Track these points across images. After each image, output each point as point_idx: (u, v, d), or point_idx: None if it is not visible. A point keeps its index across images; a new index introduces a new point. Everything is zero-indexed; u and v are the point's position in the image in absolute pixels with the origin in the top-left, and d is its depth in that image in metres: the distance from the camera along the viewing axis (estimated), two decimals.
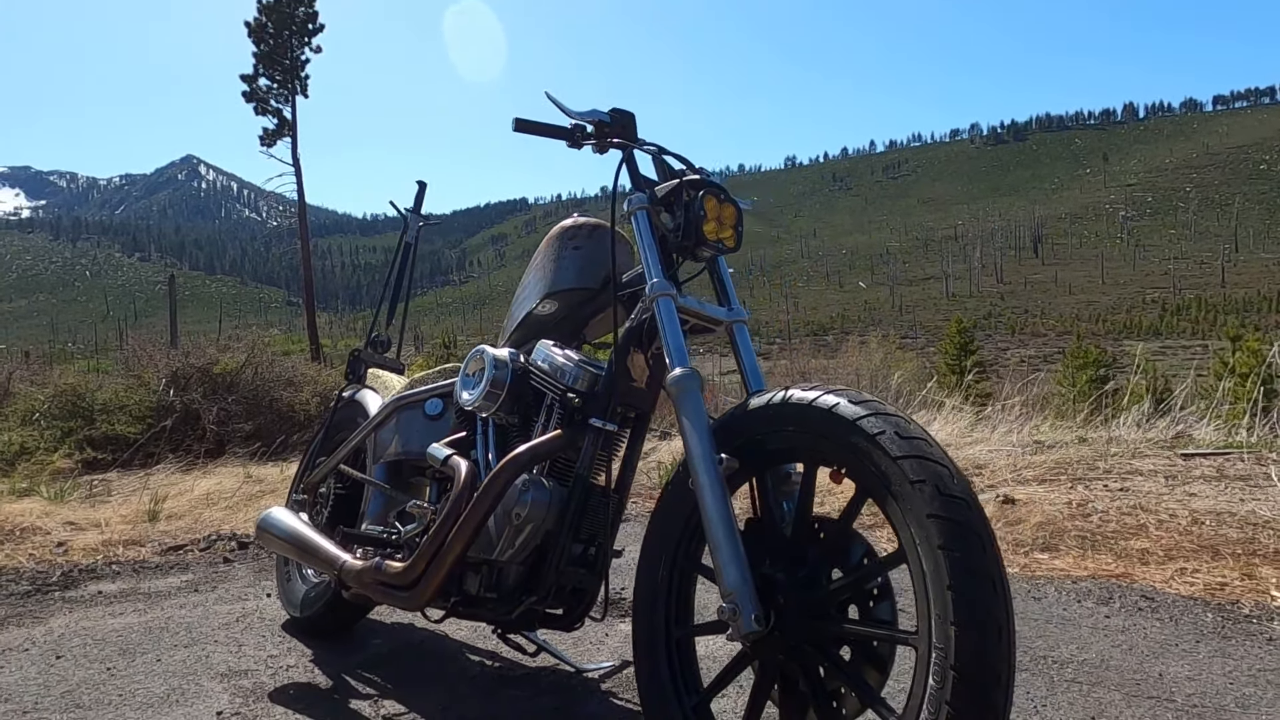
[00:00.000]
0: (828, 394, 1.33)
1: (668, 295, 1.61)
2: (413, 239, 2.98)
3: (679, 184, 1.71)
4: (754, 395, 1.50)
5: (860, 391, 1.35)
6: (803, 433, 1.36)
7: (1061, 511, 3.74)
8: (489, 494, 1.67)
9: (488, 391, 1.84)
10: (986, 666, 1.06)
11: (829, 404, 1.31)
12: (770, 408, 1.42)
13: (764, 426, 1.43)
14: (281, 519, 2.29)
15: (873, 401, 1.30)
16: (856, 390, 1.36)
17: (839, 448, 1.29)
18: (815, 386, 1.37)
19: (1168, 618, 2.35)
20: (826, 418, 1.30)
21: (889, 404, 1.31)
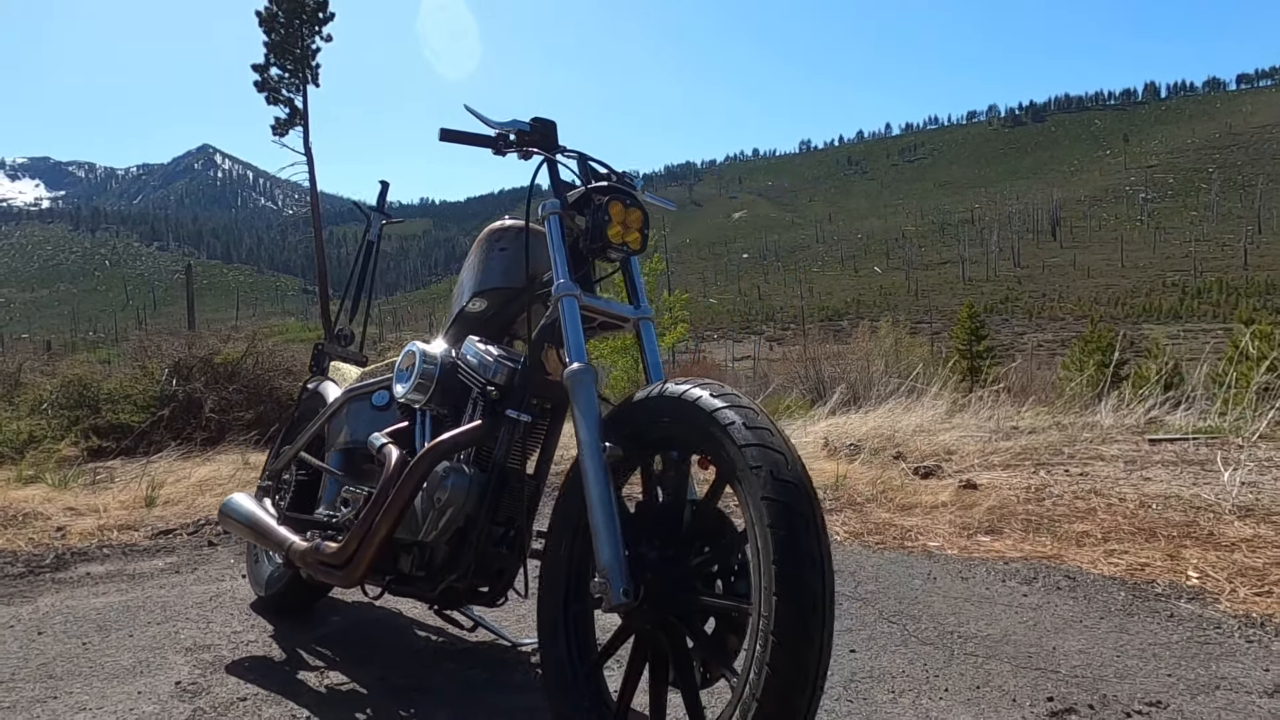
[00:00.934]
0: (695, 387, 1.45)
1: (571, 295, 1.74)
2: (375, 236, 3.12)
3: (586, 190, 1.83)
4: (641, 389, 1.62)
5: (724, 385, 1.47)
6: (675, 423, 1.48)
7: (1018, 496, 3.84)
8: (411, 479, 1.81)
9: (417, 384, 1.98)
10: (801, 632, 1.19)
11: (694, 397, 1.43)
12: (650, 400, 1.54)
13: (645, 418, 1.56)
14: (240, 504, 2.44)
15: (731, 395, 1.42)
16: (722, 385, 1.47)
17: (702, 436, 1.42)
18: (687, 381, 1.49)
19: (1082, 596, 2.46)
20: (691, 409, 1.43)
21: (746, 397, 1.43)
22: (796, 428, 6.31)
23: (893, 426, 5.70)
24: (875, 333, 30.58)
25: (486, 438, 1.86)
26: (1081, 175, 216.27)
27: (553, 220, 1.85)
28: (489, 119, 1.97)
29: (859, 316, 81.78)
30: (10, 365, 9.22)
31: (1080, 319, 78.90)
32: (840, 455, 5.22)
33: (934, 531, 3.34)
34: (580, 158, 2.00)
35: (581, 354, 1.67)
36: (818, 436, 5.73)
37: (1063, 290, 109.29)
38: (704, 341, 76.72)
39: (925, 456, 4.93)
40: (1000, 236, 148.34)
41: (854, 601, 2.49)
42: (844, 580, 2.71)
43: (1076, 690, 1.81)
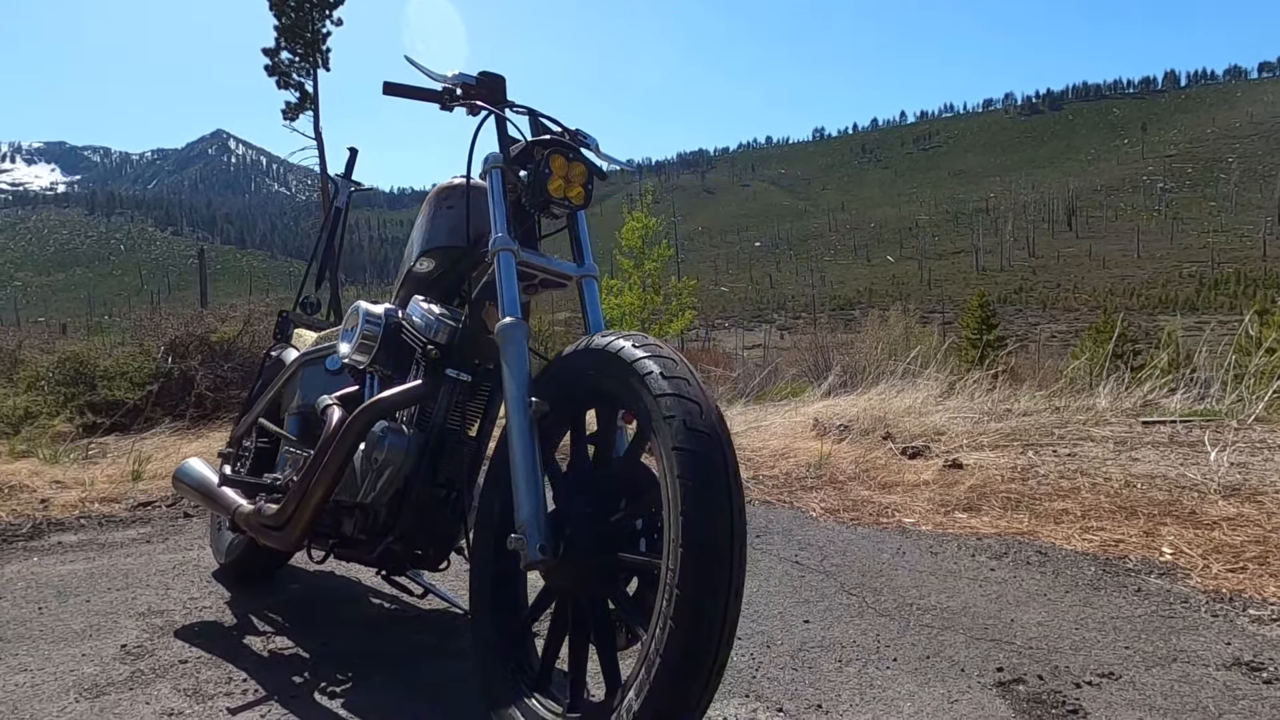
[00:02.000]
0: (619, 339, 1.40)
1: (507, 250, 1.69)
2: (343, 204, 3.08)
3: (528, 144, 1.78)
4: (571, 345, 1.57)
5: (649, 337, 1.41)
6: (600, 376, 1.44)
7: (1003, 475, 3.78)
8: (345, 439, 1.77)
9: (359, 344, 1.93)
10: (703, 586, 1.14)
11: (616, 348, 1.38)
12: (577, 355, 1.50)
13: (573, 372, 1.51)
14: (193, 468, 2.41)
15: (653, 345, 1.37)
16: (646, 335, 1.42)
17: (622, 388, 1.37)
18: (613, 333, 1.44)
19: (1050, 571, 2.41)
20: (613, 361, 1.38)
21: (669, 347, 1.38)
22: (789, 409, 6.26)
23: (885, 408, 5.64)
24: (885, 322, 30.55)
25: (427, 398, 1.82)
26: (1098, 165, 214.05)
27: (494, 175, 1.80)
28: (433, 72, 1.92)
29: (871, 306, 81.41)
30: (10, 342, 9.26)
31: (1095, 310, 78.28)
32: (829, 435, 5.16)
33: (911, 509, 3.28)
34: (530, 113, 1.95)
35: (515, 309, 1.62)
36: (809, 417, 5.66)
37: (1077, 281, 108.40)
38: (714, 330, 76.54)
39: (914, 437, 4.86)
40: (1015, 226, 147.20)
41: (816, 574, 2.44)
42: (810, 554, 2.67)
43: (1029, 661, 1.76)
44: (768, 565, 2.55)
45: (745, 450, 4.75)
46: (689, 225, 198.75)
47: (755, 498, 3.69)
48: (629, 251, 20.98)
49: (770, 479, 4.08)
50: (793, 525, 3.12)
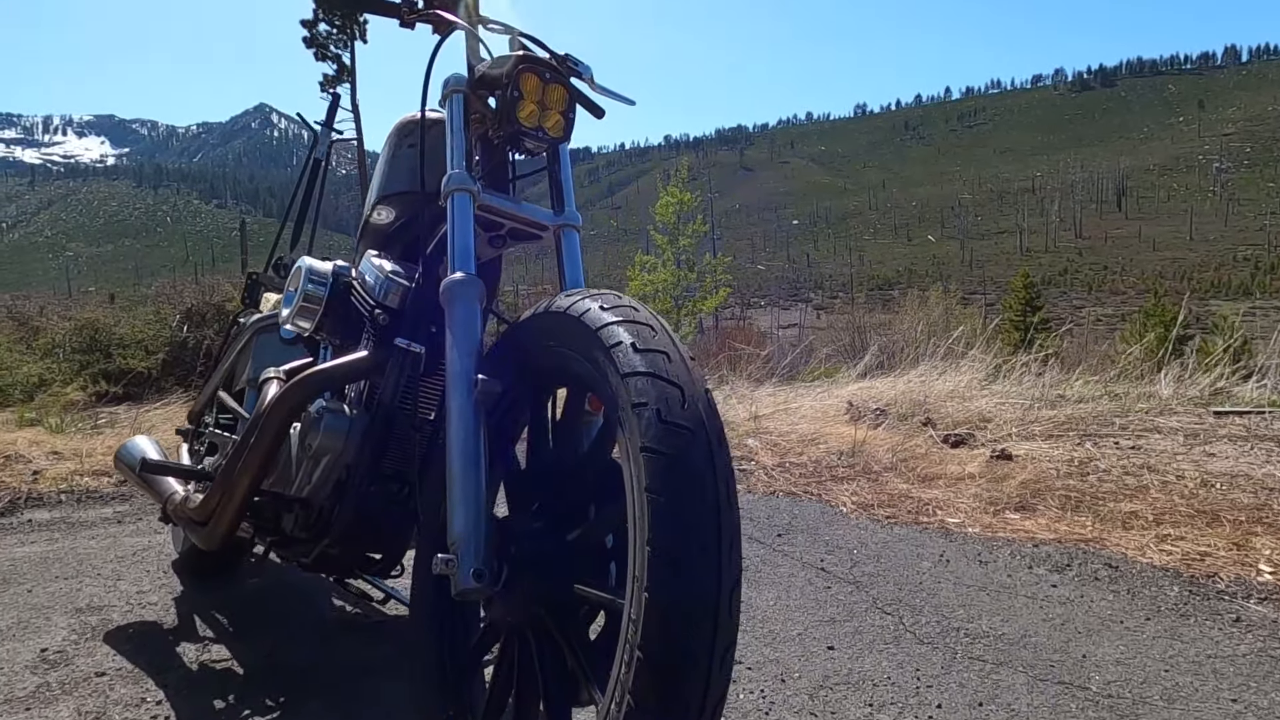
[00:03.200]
0: (585, 299, 1.07)
1: (463, 191, 1.36)
2: (322, 154, 2.76)
3: (496, 62, 1.44)
4: (531, 308, 1.24)
5: (626, 297, 1.07)
6: (561, 347, 1.10)
7: (1058, 469, 3.39)
8: (273, 420, 1.47)
9: (300, 308, 1.61)
10: (675, 650, 0.80)
11: (580, 310, 1.05)
12: (535, 320, 1.16)
13: (532, 342, 1.18)
14: (135, 448, 2.13)
15: (628, 307, 1.03)
16: (622, 295, 1.08)
17: (586, 364, 1.03)
18: (579, 293, 1.10)
19: (1124, 590, 2.03)
20: (576, 327, 1.04)
21: (648, 311, 1.04)
22: (821, 391, 5.87)
23: (925, 391, 5.23)
24: (924, 302, 29.87)
25: (373, 372, 1.50)
26: (1151, 143, 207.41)
27: (454, 101, 1.46)
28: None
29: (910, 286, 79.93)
30: (32, 308, 9.19)
31: (1143, 293, 76.08)
32: (864, 420, 4.78)
33: (956, 506, 2.91)
34: (508, 30, 1.62)
35: (467, 261, 1.29)
36: (842, 400, 5.28)
37: (1125, 263, 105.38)
38: (750, 308, 75.85)
39: (957, 424, 4.47)
40: (1062, 206, 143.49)
41: (845, 585, 2.09)
42: (839, 559, 2.32)
43: (1110, 715, 1.41)
44: (789, 572, 2.21)
45: (772, 434, 4.39)
46: (726, 202, 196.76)
47: (780, 489, 3.34)
48: (663, 227, 20.55)
49: (798, 467, 3.72)
50: (820, 522, 2.77)
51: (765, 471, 3.68)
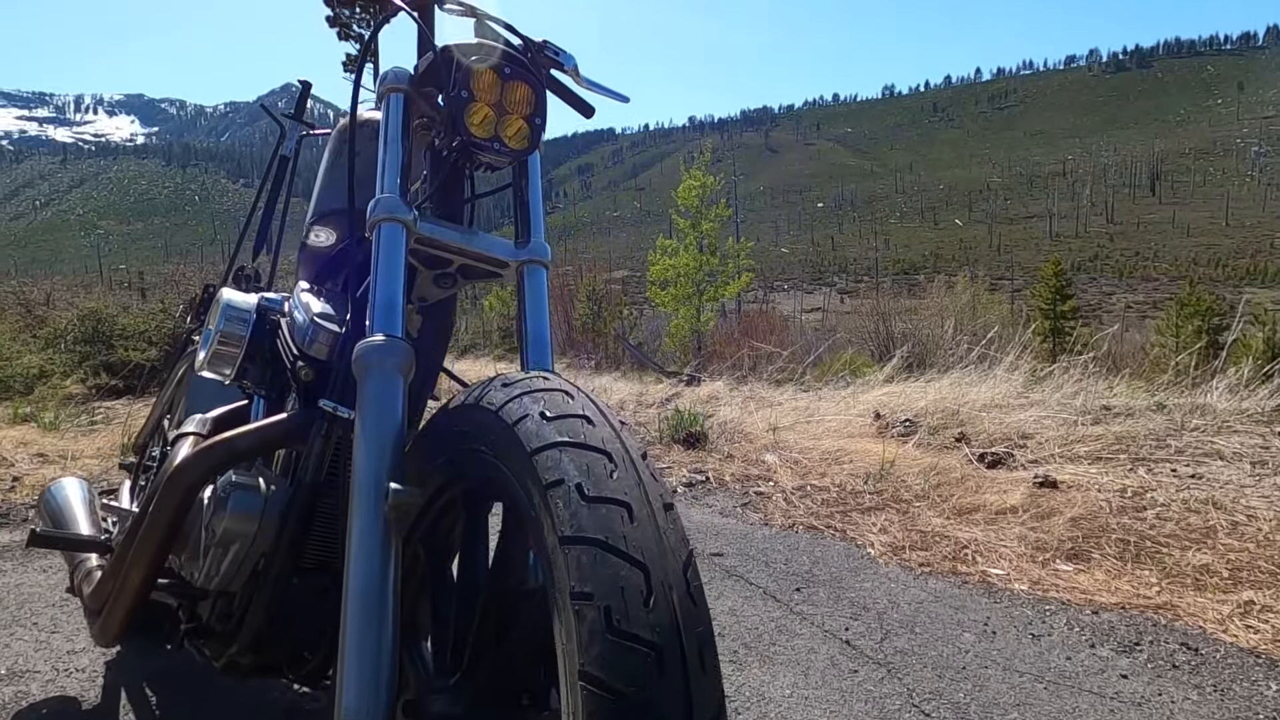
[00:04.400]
0: (490, 386, 0.79)
1: (393, 220, 1.05)
2: (290, 151, 2.47)
3: (440, 52, 1.14)
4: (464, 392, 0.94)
5: (550, 374, 0.79)
6: (476, 442, 0.82)
7: (1110, 502, 3.05)
8: (167, 502, 1.18)
9: (216, 351, 1.32)
10: None
11: (477, 395, 0.77)
12: (459, 410, 0.87)
13: (454, 438, 0.88)
14: (59, 493, 1.86)
15: (530, 379, 0.77)
16: (548, 375, 0.79)
17: (491, 455, 0.76)
18: (519, 381, 0.80)
19: (1210, 683, 1.71)
20: (480, 415, 0.78)
21: (562, 377, 0.76)
22: (846, 395, 5.54)
23: (958, 400, 4.88)
24: (951, 289, 29.32)
25: (294, 438, 1.21)
26: (1188, 126, 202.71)
27: (392, 102, 1.16)
28: None
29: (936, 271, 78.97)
30: (39, 294, 9.04)
31: (1175, 280, 74.62)
32: (892, 432, 4.45)
33: (998, 551, 2.59)
34: (471, 13, 1.31)
35: (392, 318, 0.99)
36: (868, 408, 4.95)
37: (1158, 249, 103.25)
38: (773, 292, 75.25)
39: (994, 440, 4.12)
40: (1093, 190, 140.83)
41: (875, 668, 1.78)
42: (867, 627, 2.01)
43: None
44: (808, 646, 1.90)
45: (792, 451, 4.08)
46: (750, 185, 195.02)
47: (800, 520, 3.03)
48: (686, 211, 20.15)
49: (820, 491, 3.41)
50: (845, 570, 2.46)
51: (784, 496, 3.37)
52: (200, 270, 8.95)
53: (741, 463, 4.01)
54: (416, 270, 1.17)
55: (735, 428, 4.79)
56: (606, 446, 0.70)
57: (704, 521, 3.04)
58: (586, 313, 18.52)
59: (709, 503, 3.37)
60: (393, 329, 0.98)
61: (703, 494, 3.52)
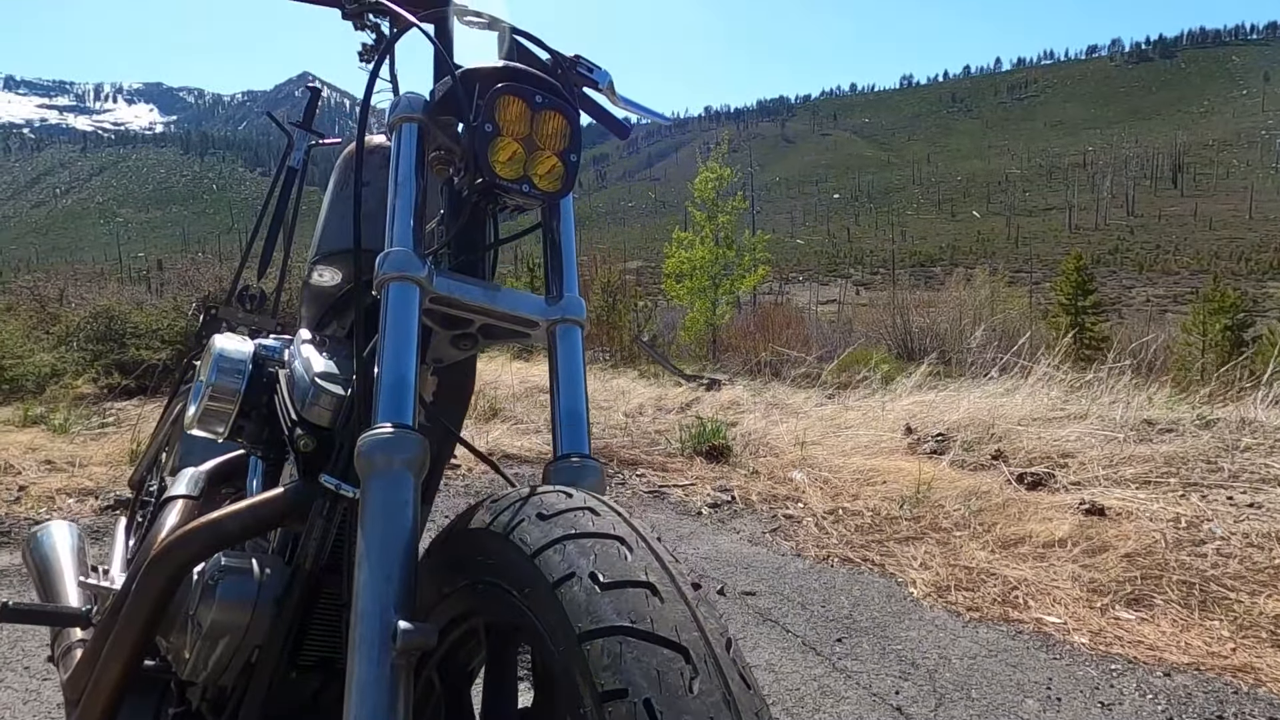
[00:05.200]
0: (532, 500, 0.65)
1: (404, 279, 0.90)
2: (299, 161, 2.32)
3: (459, 76, 0.97)
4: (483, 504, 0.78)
5: (597, 503, 0.65)
6: (502, 579, 0.67)
7: (1164, 534, 2.86)
8: (149, 586, 1.03)
9: (207, 407, 1.17)
10: None
11: (506, 521, 0.63)
12: (490, 535, 0.71)
13: (484, 565, 0.72)
14: (46, 540, 1.73)
15: (576, 514, 0.67)
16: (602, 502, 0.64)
17: (524, 605, 0.62)
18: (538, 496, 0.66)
19: None
20: (511, 553, 0.66)
21: (613, 505, 0.64)
22: (874, 404, 5.36)
23: (991, 412, 4.69)
24: (970, 282, 28.90)
25: (291, 517, 1.05)
26: (1211, 117, 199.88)
27: (404, 133, 1.00)
28: None
29: (953, 263, 78.34)
30: (52, 290, 8.97)
31: (1197, 273, 73.72)
32: (924, 447, 4.28)
33: (1051, 593, 2.41)
34: (495, 25, 1.16)
35: (402, 405, 0.83)
36: (898, 420, 4.77)
37: (1179, 242, 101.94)
38: (788, 284, 74.90)
39: (1033, 458, 3.94)
40: (1114, 182, 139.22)
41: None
42: (918, 688, 1.84)
43: None
44: (855, 711, 1.74)
45: (822, 468, 3.91)
46: (766, 175, 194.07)
47: (835, 551, 2.87)
48: (701, 203, 19.91)
49: (853, 516, 3.24)
50: (888, 615, 2.29)
51: (816, 521, 3.20)
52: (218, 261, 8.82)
53: (768, 480, 3.85)
54: (432, 331, 1.01)
55: (759, 439, 4.63)
56: (682, 638, 0.54)
57: (732, 551, 2.88)
58: (601, 305, 18.36)
59: (736, 527, 3.21)
60: (402, 416, 0.83)
61: (729, 516, 3.36)
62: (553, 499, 0.67)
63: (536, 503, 0.68)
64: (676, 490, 3.73)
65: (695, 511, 3.41)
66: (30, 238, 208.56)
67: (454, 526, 0.78)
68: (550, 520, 0.64)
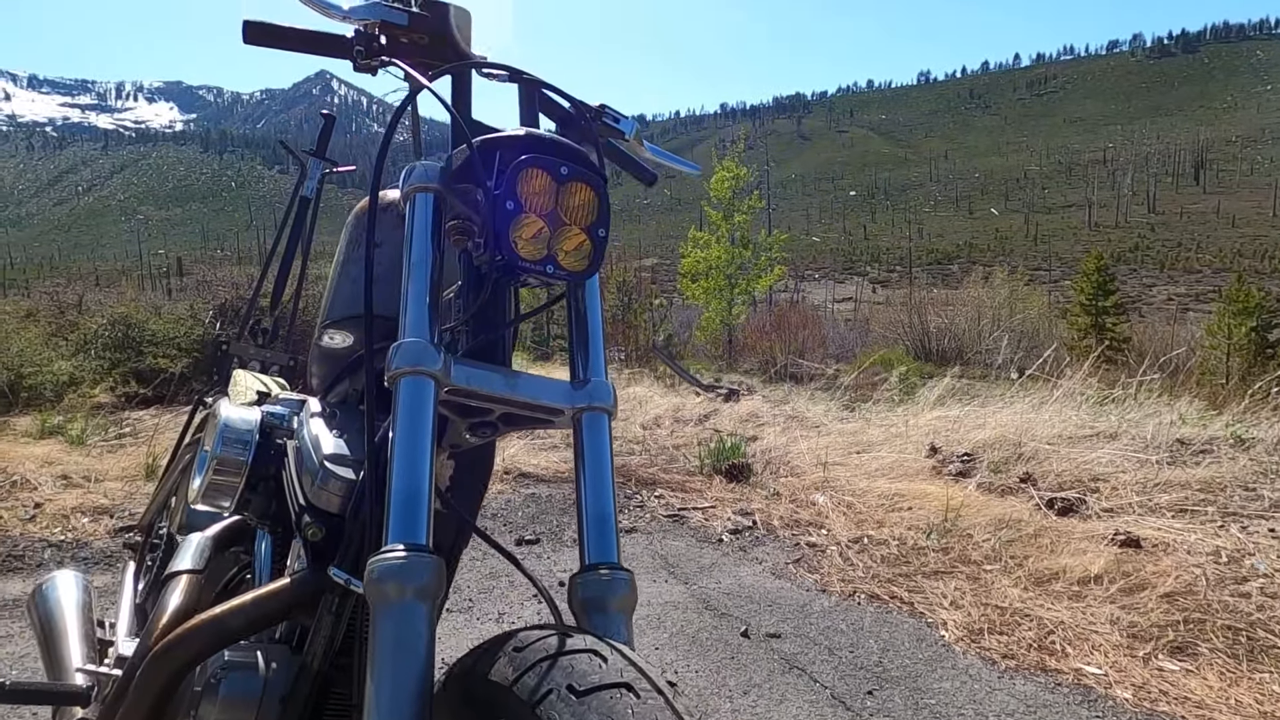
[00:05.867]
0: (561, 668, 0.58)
1: (419, 374, 0.82)
2: (311, 192, 2.26)
3: (478, 148, 0.90)
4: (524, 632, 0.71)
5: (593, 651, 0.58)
6: None
7: (1204, 570, 2.76)
8: (149, 685, 0.96)
9: (212, 481, 1.10)
10: None
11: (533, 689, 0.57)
12: (517, 688, 0.64)
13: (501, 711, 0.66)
14: (51, 594, 1.67)
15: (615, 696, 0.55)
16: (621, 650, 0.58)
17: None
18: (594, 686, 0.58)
19: None
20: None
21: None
22: (896, 420, 5.26)
23: (1018, 429, 4.58)
24: (988, 281, 28.53)
25: (297, 609, 0.99)
26: (1235, 113, 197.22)
27: (418, 204, 0.93)
28: (330, 4, 1.06)
29: (971, 261, 77.70)
30: (71, 296, 8.98)
31: (1219, 271, 72.77)
32: (949, 468, 4.17)
33: (1090, 639, 2.32)
34: (516, 78, 1.09)
35: (414, 523, 0.76)
36: (922, 437, 4.67)
37: (1202, 240, 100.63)
38: (804, 281, 74.61)
39: (1062, 483, 3.83)
40: (1135, 179, 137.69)
41: None
42: None
43: None
44: None
45: (845, 491, 3.82)
46: (782, 172, 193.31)
47: (861, 586, 2.78)
48: (717, 203, 19.78)
49: (879, 546, 3.15)
50: (919, 662, 2.21)
51: (840, 551, 3.12)
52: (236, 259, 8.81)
53: (790, 503, 3.76)
54: (449, 420, 0.94)
55: (780, 457, 4.55)
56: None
57: (756, 585, 2.80)
58: (616, 304, 18.29)
59: (758, 556, 3.13)
60: (415, 535, 0.75)
61: (750, 544, 3.28)
62: (585, 665, 0.60)
63: (567, 669, 0.60)
64: (696, 514, 3.65)
65: (716, 539, 3.34)
66: (53, 235, 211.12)
67: (473, 667, 0.71)
68: (584, 700, 0.57)
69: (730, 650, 2.25)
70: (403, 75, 1.10)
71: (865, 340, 23.41)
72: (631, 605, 0.84)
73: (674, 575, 2.88)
